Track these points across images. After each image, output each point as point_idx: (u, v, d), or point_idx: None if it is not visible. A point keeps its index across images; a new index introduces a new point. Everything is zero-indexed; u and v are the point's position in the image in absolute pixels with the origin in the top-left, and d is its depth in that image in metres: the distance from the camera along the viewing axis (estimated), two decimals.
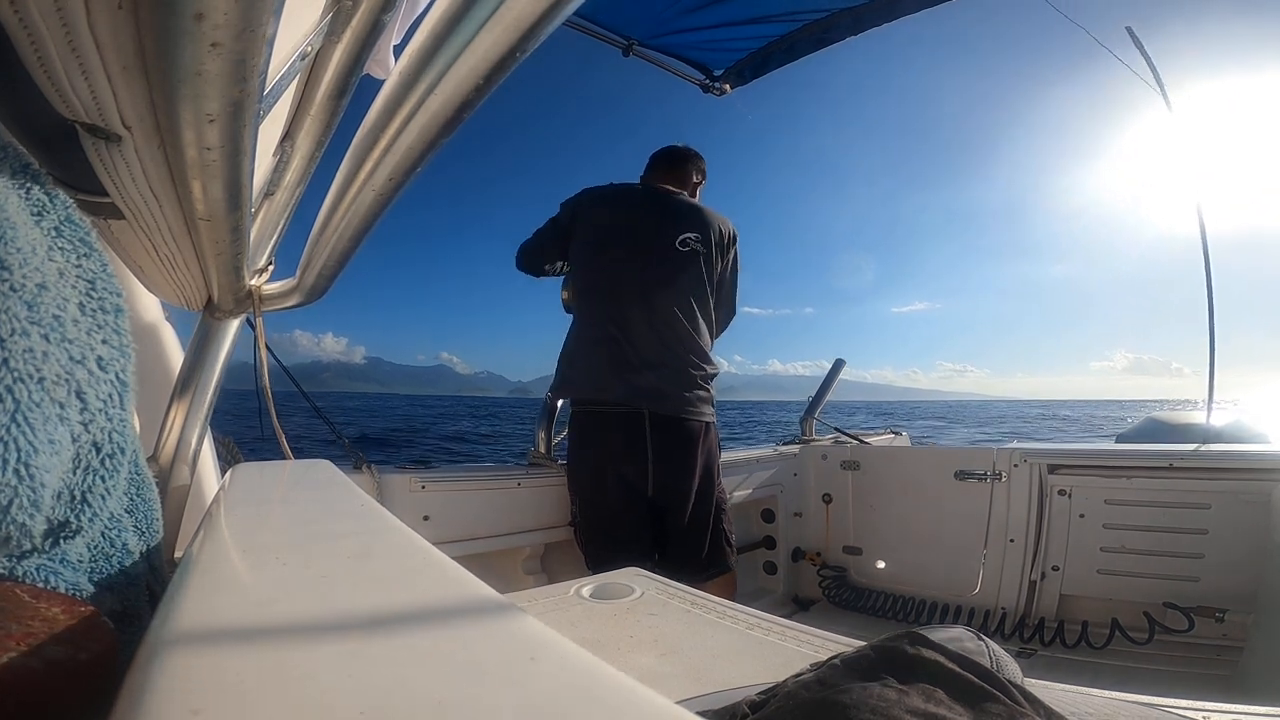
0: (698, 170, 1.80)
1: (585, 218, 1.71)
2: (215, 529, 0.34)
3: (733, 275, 1.76)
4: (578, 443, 1.65)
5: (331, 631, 0.18)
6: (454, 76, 0.34)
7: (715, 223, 1.69)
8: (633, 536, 1.55)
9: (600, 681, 0.16)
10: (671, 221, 1.66)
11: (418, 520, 1.46)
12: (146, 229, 0.52)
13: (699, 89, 2.18)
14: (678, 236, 1.64)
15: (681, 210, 1.69)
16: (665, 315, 1.61)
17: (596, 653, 0.17)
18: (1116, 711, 0.43)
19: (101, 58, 0.29)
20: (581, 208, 1.73)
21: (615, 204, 1.72)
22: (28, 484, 0.24)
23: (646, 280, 1.61)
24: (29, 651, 0.22)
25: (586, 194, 1.75)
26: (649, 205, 1.70)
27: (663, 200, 1.71)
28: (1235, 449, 1.75)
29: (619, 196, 1.74)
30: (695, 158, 1.79)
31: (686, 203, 1.72)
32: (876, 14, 1.80)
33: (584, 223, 1.71)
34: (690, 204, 1.73)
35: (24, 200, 0.28)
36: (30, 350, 0.25)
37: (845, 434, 2.46)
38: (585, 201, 1.73)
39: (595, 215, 1.71)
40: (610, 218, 1.70)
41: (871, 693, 0.28)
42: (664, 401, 1.56)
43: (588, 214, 1.71)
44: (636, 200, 1.72)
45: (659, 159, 1.80)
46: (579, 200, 1.74)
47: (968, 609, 1.90)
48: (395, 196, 0.49)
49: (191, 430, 0.80)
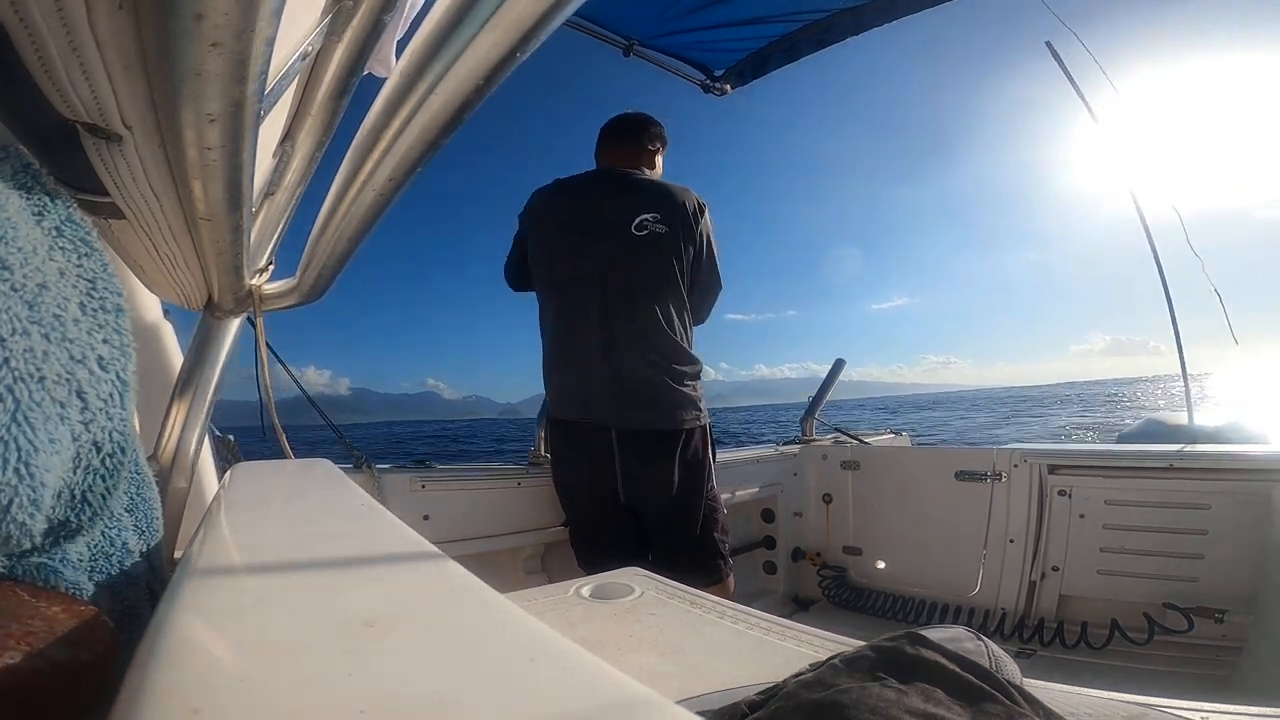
0: (653, 138, 1.61)
1: (536, 219, 1.60)
2: (215, 528, 0.34)
3: (709, 249, 1.56)
4: (553, 453, 1.61)
5: (331, 631, 0.18)
6: (454, 76, 0.34)
7: (675, 197, 1.50)
8: (614, 541, 1.51)
9: (600, 681, 0.16)
10: (624, 204, 1.48)
11: (418, 520, 1.46)
12: (147, 228, 0.52)
13: (699, 89, 2.19)
14: (633, 220, 1.46)
15: (636, 189, 1.51)
16: (629, 312, 1.46)
17: (596, 652, 0.17)
18: (1115, 712, 0.43)
19: (102, 57, 0.29)
20: (532, 210, 1.61)
21: (562, 198, 1.58)
22: (28, 483, 0.24)
23: (604, 275, 1.47)
24: (29, 650, 0.22)
25: (535, 195, 1.63)
26: (598, 191, 1.54)
27: (613, 182, 1.54)
28: (1235, 449, 1.75)
29: (565, 189, 1.59)
30: (649, 123, 1.61)
31: (640, 180, 1.54)
32: (876, 14, 1.80)
33: (536, 224, 1.60)
34: (645, 181, 1.54)
35: (25, 200, 0.28)
36: (31, 350, 0.25)
37: (845, 434, 2.46)
38: (534, 203, 1.61)
39: (544, 214, 1.59)
40: (558, 213, 1.56)
41: (871, 693, 0.28)
42: (631, 414, 1.45)
43: (538, 214, 1.60)
44: (583, 189, 1.57)
45: (607, 132, 1.62)
46: (529, 204, 1.63)
47: (967, 609, 1.90)
48: (396, 196, 0.49)
49: (192, 430, 0.80)
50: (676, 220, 1.49)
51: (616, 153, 1.60)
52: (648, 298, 1.47)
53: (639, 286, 1.47)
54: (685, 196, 1.52)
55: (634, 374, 1.46)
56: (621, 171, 1.57)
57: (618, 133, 1.61)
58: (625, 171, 1.57)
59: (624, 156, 1.59)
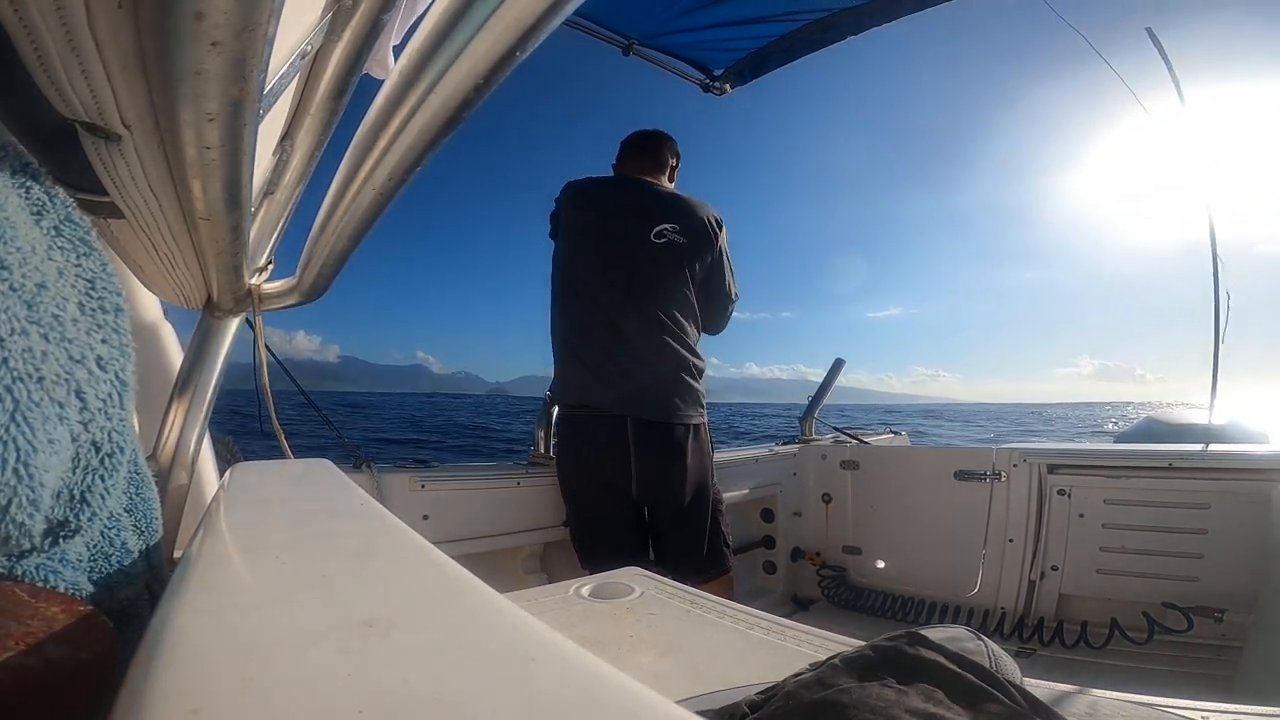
0: (672, 152, 1.72)
1: (566, 214, 1.66)
2: (215, 528, 0.34)
3: (724, 262, 1.66)
4: (563, 445, 1.63)
5: (331, 631, 0.18)
6: (454, 76, 0.34)
7: (695, 211, 1.60)
8: (621, 538, 1.53)
9: (600, 681, 0.16)
10: (647, 213, 1.58)
11: (417, 519, 1.46)
12: (146, 228, 0.52)
13: (699, 88, 2.19)
14: (654, 228, 1.56)
15: (658, 200, 1.61)
16: (645, 313, 1.54)
17: (596, 652, 0.17)
18: (1116, 712, 0.43)
19: (101, 57, 0.29)
20: (563, 204, 1.68)
21: (590, 197, 1.66)
22: (27, 483, 0.24)
23: (623, 277, 1.54)
24: (29, 651, 0.22)
25: (567, 189, 1.70)
26: (623, 197, 1.63)
27: (638, 191, 1.63)
28: (1235, 449, 1.75)
29: (594, 189, 1.68)
30: (668, 139, 1.72)
31: (663, 192, 1.65)
32: (876, 14, 1.80)
33: (565, 220, 1.66)
34: (667, 194, 1.65)
35: (24, 199, 0.28)
36: (29, 350, 0.25)
37: (845, 433, 2.46)
38: (565, 197, 1.68)
39: (573, 211, 1.66)
40: (585, 213, 1.64)
41: (871, 693, 0.28)
42: (646, 407, 1.51)
43: (568, 210, 1.66)
44: (611, 193, 1.66)
45: (631, 145, 1.72)
46: (561, 196, 1.70)
47: (967, 609, 1.90)
48: (395, 196, 0.49)
49: (191, 430, 0.80)
50: (694, 232, 1.58)
51: (637, 164, 1.68)
52: (662, 301, 1.55)
53: (654, 290, 1.55)
54: (704, 211, 1.62)
55: (647, 369, 1.52)
56: (645, 181, 1.65)
57: (640, 146, 1.70)
58: (648, 182, 1.65)
59: (644, 168, 1.67)
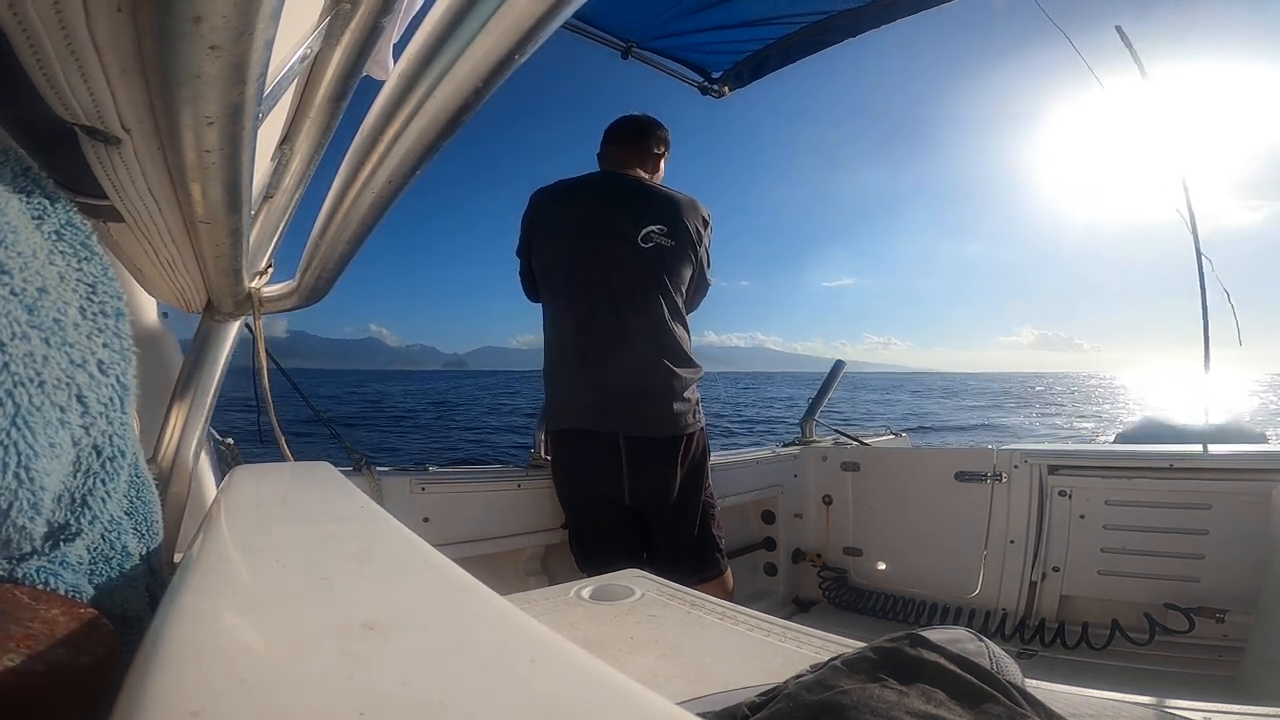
0: (660, 140, 1.60)
1: (540, 221, 1.57)
2: (215, 531, 0.34)
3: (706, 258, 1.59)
4: (556, 455, 1.60)
5: (331, 634, 0.18)
6: (453, 79, 0.34)
7: (683, 210, 1.50)
8: (617, 541, 1.52)
9: (600, 683, 0.16)
10: (632, 214, 1.48)
11: (418, 522, 1.46)
12: (146, 232, 0.52)
13: (697, 90, 2.19)
14: (640, 231, 1.46)
15: (644, 199, 1.51)
16: (631, 319, 1.47)
17: (597, 654, 0.17)
18: (1117, 712, 0.43)
19: (100, 60, 0.29)
20: (535, 212, 1.58)
21: (569, 201, 1.55)
22: (28, 487, 0.24)
23: (609, 283, 1.47)
24: (29, 654, 0.22)
25: (537, 196, 1.59)
26: (606, 198, 1.52)
27: (622, 189, 1.53)
28: (1236, 449, 1.75)
29: (572, 191, 1.57)
30: (657, 126, 1.60)
31: (649, 190, 1.53)
32: (874, 16, 1.81)
33: (539, 226, 1.57)
34: (654, 192, 1.53)
35: (25, 204, 0.28)
36: (31, 354, 0.25)
37: (845, 435, 2.46)
38: (537, 204, 1.58)
39: (549, 216, 1.56)
40: (564, 217, 1.54)
41: (871, 694, 0.28)
42: (638, 423, 1.47)
43: (542, 216, 1.57)
44: (592, 193, 1.55)
45: (616, 132, 1.60)
46: (530, 206, 1.59)
47: (968, 610, 1.90)
48: (395, 199, 0.49)
49: (191, 433, 0.80)
50: (682, 235, 1.50)
51: (622, 155, 1.58)
52: (651, 306, 1.49)
53: (642, 296, 1.48)
54: (693, 211, 1.53)
55: (638, 380, 1.48)
56: (629, 177, 1.55)
57: (625, 134, 1.60)
58: (632, 177, 1.55)
59: (629, 159, 1.58)
